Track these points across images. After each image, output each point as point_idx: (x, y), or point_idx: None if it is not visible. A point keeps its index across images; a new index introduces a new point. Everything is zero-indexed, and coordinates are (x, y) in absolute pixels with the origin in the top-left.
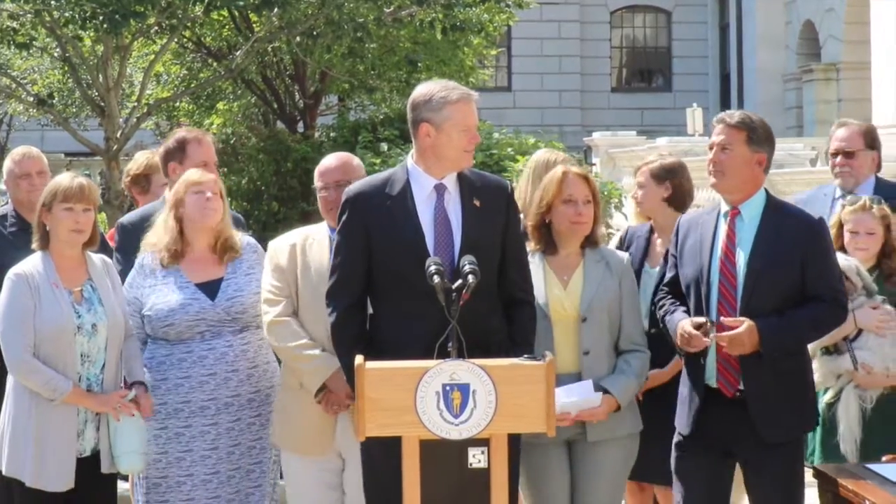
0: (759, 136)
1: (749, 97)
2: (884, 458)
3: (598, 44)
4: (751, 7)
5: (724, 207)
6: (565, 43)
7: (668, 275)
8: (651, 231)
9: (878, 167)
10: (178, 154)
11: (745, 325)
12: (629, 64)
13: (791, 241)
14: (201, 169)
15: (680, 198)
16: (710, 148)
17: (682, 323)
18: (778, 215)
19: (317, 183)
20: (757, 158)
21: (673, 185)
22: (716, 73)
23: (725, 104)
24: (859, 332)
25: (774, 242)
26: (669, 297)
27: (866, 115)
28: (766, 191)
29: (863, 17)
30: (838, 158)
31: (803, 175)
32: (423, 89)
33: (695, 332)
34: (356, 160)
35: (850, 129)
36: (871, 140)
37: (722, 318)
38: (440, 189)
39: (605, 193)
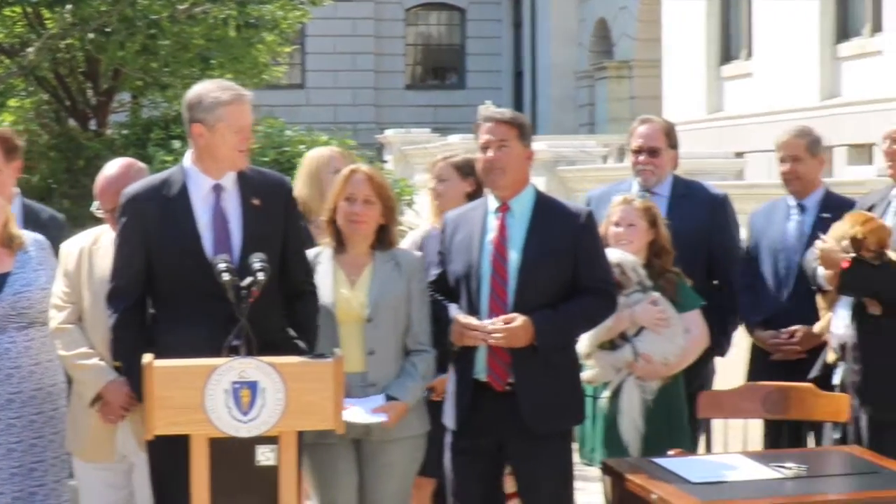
0: (527, 132)
1: (542, 94)
2: (670, 453)
3: (393, 41)
4: (545, 5)
5: (494, 203)
6: (359, 40)
7: (434, 272)
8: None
9: (676, 165)
10: None
11: (519, 319)
12: (423, 61)
13: (561, 235)
14: None
15: (480, 194)
16: (484, 146)
17: (457, 317)
18: (548, 210)
19: (97, 200)
20: (527, 154)
21: (477, 180)
22: (509, 71)
23: (518, 101)
24: (640, 329)
25: (545, 237)
26: (438, 294)
27: (657, 112)
28: (535, 186)
29: (655, 15)
30: (641, 156)
31: (595, 172)
32: (196, 90)
33: (471, 325)
34: (136, 166)
35: (653, 126)
36: (672, 138)
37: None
38: (218, 189)
39: (398, 191)
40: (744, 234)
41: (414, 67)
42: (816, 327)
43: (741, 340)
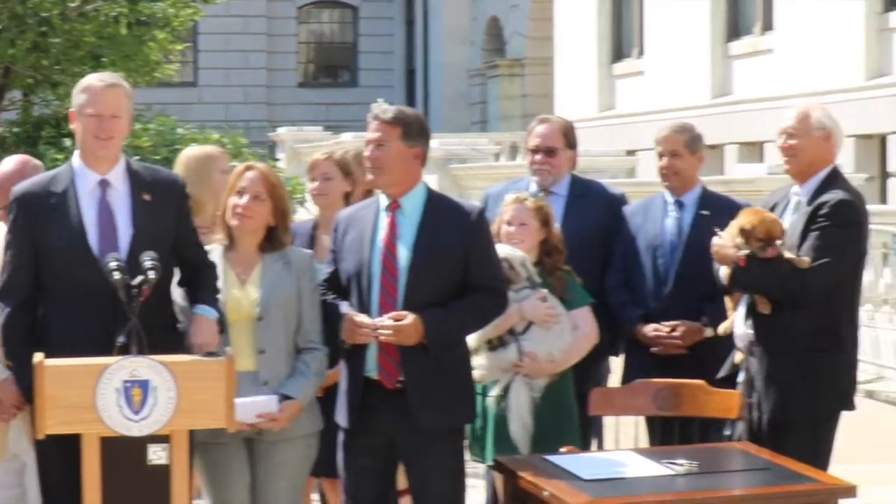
0: (413, 131)
1: (434, 92)
2: (562, 450)
3: (285, 39)
4: (437, 3)
5: (384, 201)
6: (252, 38)
7: (327, 270)
8: (315, 226)
9: (574, 166)
10: None
11: (409, 318)
12: (316, 59)
13: (452, 232)
14: None
15: (371, 192)
16: (366, 145)
17: (348, 314)
18: (439, 208)
19: None
20: (413, 153)
21: (354, 180)
22: (402, 69)
23: (411, 99)
24: (529, 324)
25: (436, 235)
26: (330, 293)
27: (549, 110)
28: (426, 184)
29: (547, 13)
30: (538, 155)
31: (487, 170)
32: (79, 82)
33: (361, 323)
34: (32, 163)
35: (550, 126)
36: (570, 138)
37: (385, 314)
38: (104, 185)
39: (290, 189)
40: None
41: (306, 65)
42: (721, 328)
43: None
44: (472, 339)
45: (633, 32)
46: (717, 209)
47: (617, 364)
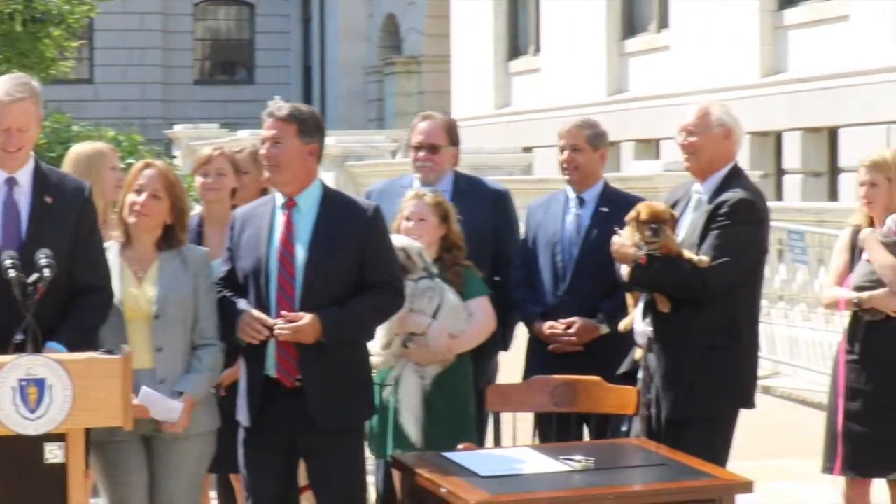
0: (309, 127)
1: (331, 89)
2: (459, 447)
3: (181, 36)
4: (333, 0)
5: (280, 199)
6: (148, 35)
7: (224, 269)
8: (201, 223)
9: (456, 162)
10: None
11: (307, 317)
12: (212, 56)
13: (349, 230)
14: None
15: (267, 190)
16: (263, 142)
17: (247, 312)
18: (335, 205)
19: None
20: (309, 149)
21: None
22: (298, 66)
23: (308, 96)
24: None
25: (332, 232)
26: (227, 290)
27: (446, 107)
28: (322, 182)
29: (444, 10)
30: (421, 152)
31: (384, 167)
32: None
33: (258, 321)
34: None
35: (433, 122)
36: (453, 135)
37: (283, 313)
38: (11, 183)
39: (186, 185)
40: (523, 227)
41: (203, 62)
42: (621, 324)
43: (524, 335)
44: (379, 337)
45: (529, 30)
46: (618, 206)
47: (508, 360)
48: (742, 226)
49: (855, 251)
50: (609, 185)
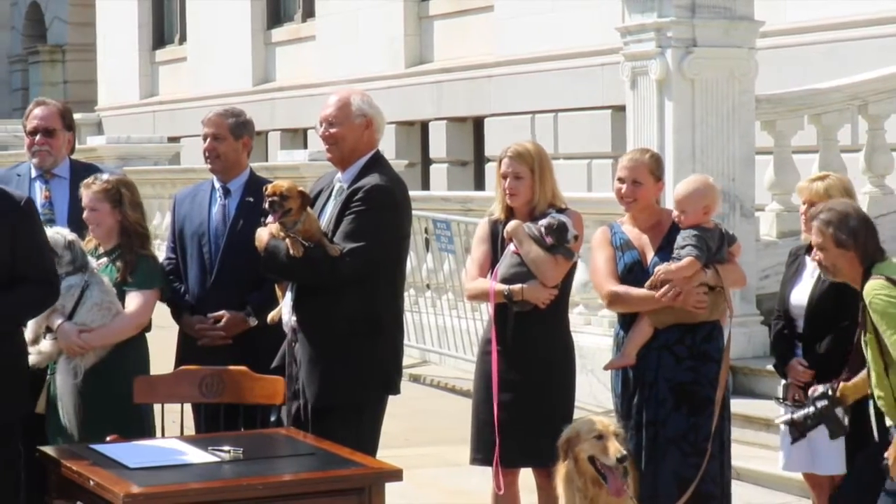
0: None
1: None
2: (108, 438)
3: None
4: None
5: None
6: None
7: None
8: None
9: (73, 149)
10: None
11: None
12: None
13: None
14: None
15: None
16: None
17: None
18: None
19: None
20: None
21: None
22: None
23: None
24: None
25: None
26: None
27: (92, 96)
28: None
29: None
30: (37, 137)
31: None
32: None
33: None
34: None
35: (48, 108)
36: (68, 120)
37: None
38: None
39: None
40: (168, 218)
41: None
42: (269, 316)
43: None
44: (30, 330)
45: (174, 19)
46: (263, 196)
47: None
48: (376, 211)
49: (497, 242)
50: (255, 175)
